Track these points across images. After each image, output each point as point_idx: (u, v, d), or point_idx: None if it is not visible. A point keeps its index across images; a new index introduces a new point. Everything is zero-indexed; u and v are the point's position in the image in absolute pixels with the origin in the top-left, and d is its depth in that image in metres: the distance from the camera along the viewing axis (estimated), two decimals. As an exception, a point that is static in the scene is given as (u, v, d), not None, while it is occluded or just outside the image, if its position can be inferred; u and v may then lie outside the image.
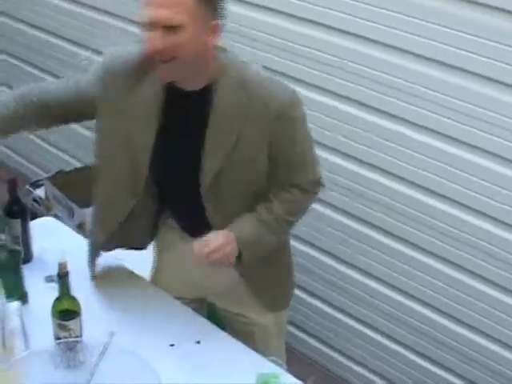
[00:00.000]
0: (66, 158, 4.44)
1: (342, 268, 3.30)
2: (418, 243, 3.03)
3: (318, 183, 2.34)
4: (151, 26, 2.01)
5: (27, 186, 4.34)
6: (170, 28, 1.99)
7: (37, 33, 4.32)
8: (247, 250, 2.23)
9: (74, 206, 3.90)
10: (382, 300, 3.22)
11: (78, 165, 4.31)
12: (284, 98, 2.15)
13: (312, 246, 3.36)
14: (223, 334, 2.35)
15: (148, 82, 2.17)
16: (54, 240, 2.62)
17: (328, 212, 3.25)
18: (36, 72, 4.44)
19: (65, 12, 4.08)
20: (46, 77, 4.34)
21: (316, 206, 3.03)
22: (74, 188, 4.01)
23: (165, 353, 2.22)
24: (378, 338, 3.30)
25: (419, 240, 3.02)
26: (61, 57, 4.20)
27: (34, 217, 2.97)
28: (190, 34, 2.01)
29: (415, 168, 2.93)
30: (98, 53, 3.91)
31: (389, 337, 3.26)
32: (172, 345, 2.26)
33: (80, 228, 3.85)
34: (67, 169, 4.31)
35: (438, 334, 3.08)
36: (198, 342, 2.29)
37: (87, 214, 3.85)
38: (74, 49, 4.10)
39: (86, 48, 4.02)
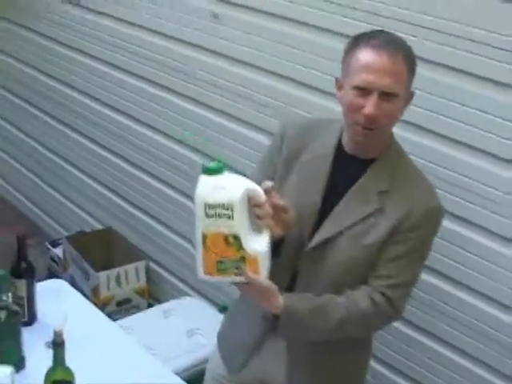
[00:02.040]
0: (87, 218, 4.39)
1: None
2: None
3: (401, 304, 2.15)
4: (366, 91, 1.96)
5: (46, 244, 4.30)
6: (386, 96, 1.96)
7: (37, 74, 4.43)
8: (286, 315, 2.07)
9: (89, 268, 3.82)
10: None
11: (98, 226, 4.26)
12: (437, 202, 2.10)
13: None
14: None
15: (322, 141, 2.14)
16: (61, 303, 2.53)
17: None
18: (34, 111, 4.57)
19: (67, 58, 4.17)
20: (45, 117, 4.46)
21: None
22: (92, 250, 3.96)
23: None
24: None
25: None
26: (62, 101, 4.30)
27: (51, 276, 2.92)
28: (401, 103, 2.01)
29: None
30: (96, 100, 4.01)
31: None
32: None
33: (94, 293, 3.77)
34: (87, 229, 4.26)
35: None
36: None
37: (101, 277, 3.78)
38: (74, 94, 4.19)
39: (85, 94, 4.10)
